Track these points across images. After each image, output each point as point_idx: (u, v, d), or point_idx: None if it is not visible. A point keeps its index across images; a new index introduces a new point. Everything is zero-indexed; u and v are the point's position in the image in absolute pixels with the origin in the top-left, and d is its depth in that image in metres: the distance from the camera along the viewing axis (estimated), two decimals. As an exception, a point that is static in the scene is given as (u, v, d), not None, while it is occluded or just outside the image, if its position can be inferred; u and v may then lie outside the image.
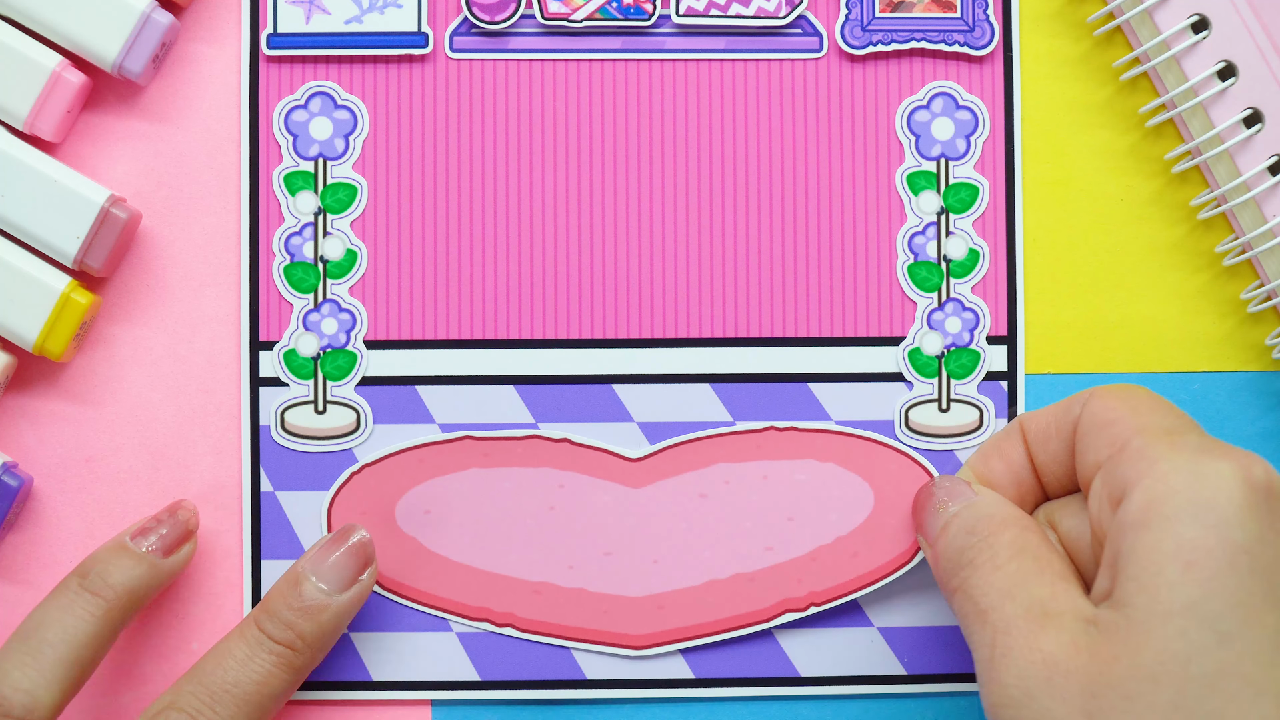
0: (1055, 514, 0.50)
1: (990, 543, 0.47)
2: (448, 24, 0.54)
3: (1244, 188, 0.53)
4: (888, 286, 0.54)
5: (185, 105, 0.54)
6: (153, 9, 0.52)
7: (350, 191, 0.54)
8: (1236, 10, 0.53)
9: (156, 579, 0.51)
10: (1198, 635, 0.42)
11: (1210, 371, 0.55)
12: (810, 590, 0.54)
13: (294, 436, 0.54)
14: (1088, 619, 0.44)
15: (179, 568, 0.52)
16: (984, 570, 0.47)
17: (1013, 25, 0.54)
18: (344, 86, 0.54)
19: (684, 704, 0.54)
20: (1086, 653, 0.43)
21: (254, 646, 0.50)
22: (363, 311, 0.54)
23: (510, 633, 0.53)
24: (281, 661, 0.50)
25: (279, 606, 0.51)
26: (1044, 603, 0.45)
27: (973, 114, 0.54)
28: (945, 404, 0.54)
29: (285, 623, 0.51)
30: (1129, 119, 0.54)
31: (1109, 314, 0.54)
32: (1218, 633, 0.42)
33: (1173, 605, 0.42)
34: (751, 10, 0.54)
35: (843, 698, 0.54)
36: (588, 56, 0.54)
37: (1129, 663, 0.43)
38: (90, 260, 0.52)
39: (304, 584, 0.51)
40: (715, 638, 0.54)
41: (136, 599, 0.51)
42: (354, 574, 0.52)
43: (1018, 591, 0.46)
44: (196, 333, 0.54)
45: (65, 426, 0.54)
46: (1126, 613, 0.43)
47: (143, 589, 0.51)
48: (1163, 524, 0.43)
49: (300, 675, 0.51)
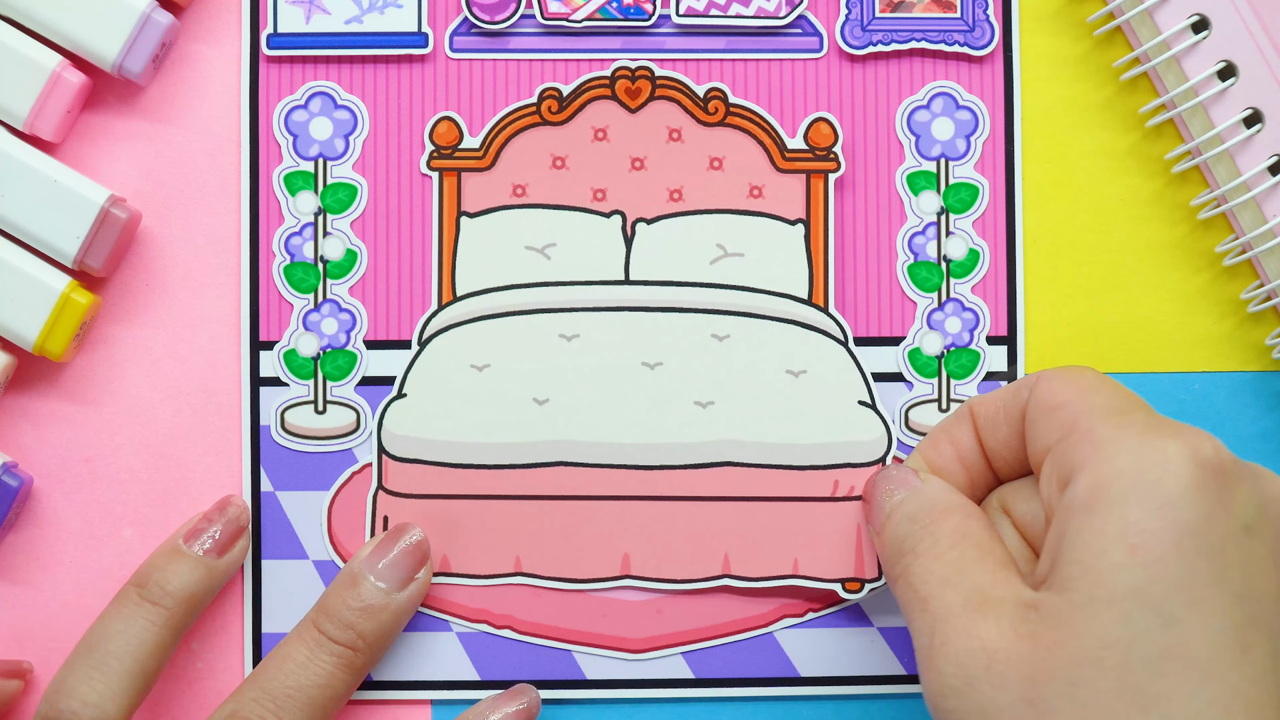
0: (1009, 499, 0.49)
1: (932, 530, 0.47)
2: (448, 24, 0.54)
3: (1244, 188, 0.53)
4: (888, 286, 0.54)
5: (185, 105, 0.54)
6: (153, 9, 0.52)
7: (350, 191, 0.54)
8: (1236, 10, 0.53)
9: (213, 581, 0.51)
10: (1141, 619, 0.41)
11: (1210, 371, 0.55)
12: (809, 598, 0.54)
13: (294, 436, 0.54)
14: (1028, 604, 0.43)
15: (234, 567, 0.52)
16: (925, 558, 0.46)
17: (1013, 25, 0.54)
18: (344, 86, 0.54)
19: (684, 704, 0.54)
20: (1028, 639, 0.43)
21: (314, 649, 0.50)
22: (363, 311, 0.54)
23: (509, 634, 0.53)
24: (343, 662, 0.50)
25: (338, 607, 0.51)
26: (984, 590, 0.44)
27: (973, 114, 0.54)
28: (945, 404, 0.54)
29: (346, 623, 0.51)
30: (1129, 119, 0.54)
31: (1109, 314, 0.54)
32: (1163, 615, 0.41)
33: (1116, 589, 0.42)
34: (751, 10, 0.54)
35: (843, 698, 0.54)
36: (588, 56, 0.54)
37: (1071, 648, 0.42)
38: (90, 260, 0.52)
39: (363, 583, 0.51)
40: (714, 642, 0.54)
41: (196, 603, 0.51)
42: (411, 572, 0.52)
43: (958, 579, 0.45)
44: (196, 333, 0.54)
45: (65, 426, 0.54)
46: (1069, 597, 0.42)
47: (201, 593, 0.51)
48: (1108, 507, 0.43)
49: (360, 675, 0.51)
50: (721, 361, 0.53)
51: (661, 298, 0.53)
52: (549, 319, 0.53)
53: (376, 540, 0.52)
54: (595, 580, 0.53)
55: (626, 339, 0.53)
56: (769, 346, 0.53)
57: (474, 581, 0.53)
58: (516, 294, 0.53)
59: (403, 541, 0.52)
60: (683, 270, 0.54)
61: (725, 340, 0.53)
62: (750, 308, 0.53)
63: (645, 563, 0.53)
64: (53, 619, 0.53)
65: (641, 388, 0.53)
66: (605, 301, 0.53)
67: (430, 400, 0.53)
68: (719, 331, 0.53)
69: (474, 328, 0.53)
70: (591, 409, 0.53)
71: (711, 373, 0.53)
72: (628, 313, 0.53)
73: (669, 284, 0.53)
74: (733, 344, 0.53)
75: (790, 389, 0.53)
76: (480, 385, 0.53)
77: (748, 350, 0.53)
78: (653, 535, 0.53)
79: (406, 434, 0.53)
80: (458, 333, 0.53)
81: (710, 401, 0.53)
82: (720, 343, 0.53)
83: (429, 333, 0.53)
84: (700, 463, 0.53)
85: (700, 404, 0.53)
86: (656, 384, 0.53)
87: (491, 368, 0.53)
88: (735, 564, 0.53)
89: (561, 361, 0.53)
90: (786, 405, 0.53)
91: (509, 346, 0.53)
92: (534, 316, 0.53)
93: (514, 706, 0.52)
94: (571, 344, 0.53)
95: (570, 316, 0.53)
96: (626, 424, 0.53)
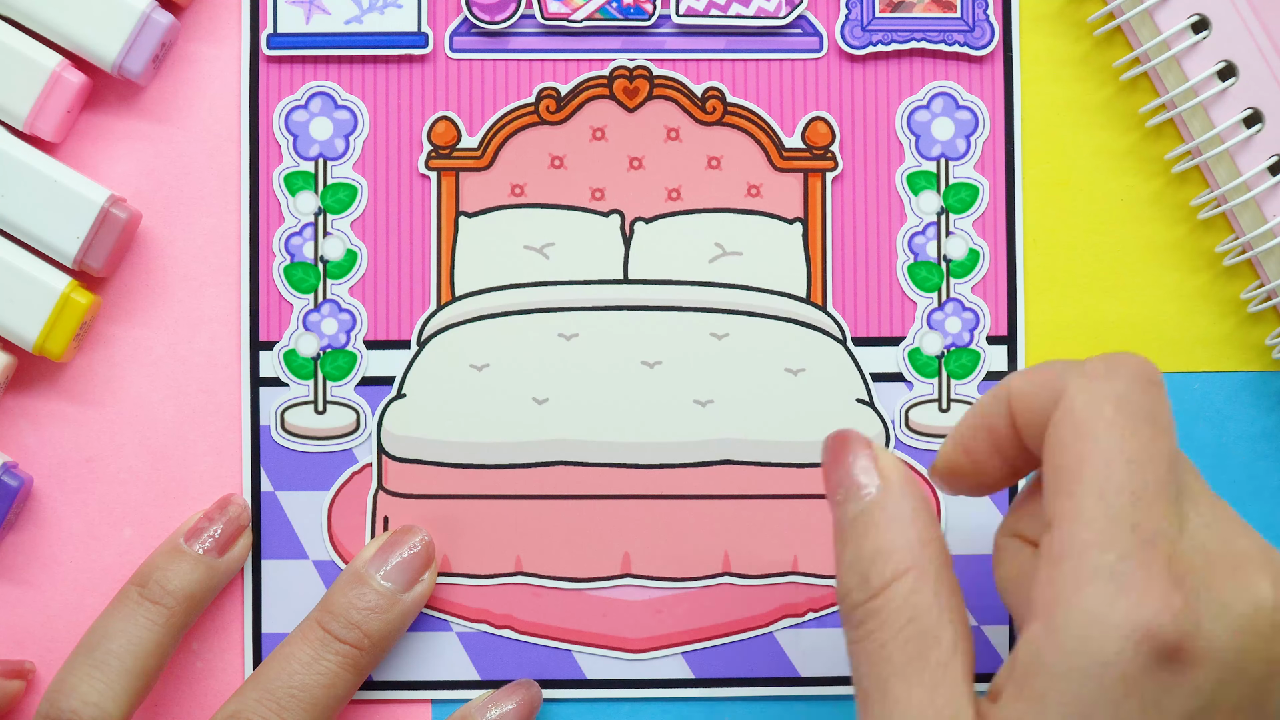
0: (1021, 525, 0.45)
1: (878, 610, 0.42)
2: (448, 24, 0.54)
3: (1244, 188, 0.53)
4: (888, 286, 0.54)
5: (185, 105, 0.54)
6: (153, 9, 0.52)
7: (350, 191, 0.54)
8: (1236, 10, 0.53)
9: (214, 580, 0.51)
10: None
11: (1210, 371, 0.54)
12: (809, 597, 0.54)
13: (294, 436, 0.54)
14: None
15: (236, 566, 0.52)
16: (868, 646, 0.42)
17: (1013, 25, 0.54)
18: (344, 86, 0.54)
19: (684, 704, 0.54)
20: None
21: (319, 648, 0.50)
22: (363, 311, 0.54)
23: (509, 634, 0.53)
24: (348, 662, 0.50)
25: (344, 607, 0.51)
26: (921, 710, 0.41)
27: (973, 114, 0.54)
28: (945, 404, 0.54)
29: (351, 622, 0.50)
30: (1129, 119, 0.54)
31: (1109, 314, 0.54)
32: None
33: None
34: (751, 10, 0.54)
35: (843, 698, 0.54)
36: (588, 56, 0.54)
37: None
38: (90, 260, 0.52)
39: (370, 582, 0.51)
40: (714, 642, 0.54)
41: (196, 602, 0.51)
42: (417, 573, 0.52)
43: (898, 688, 0.41)
44: (196, 333, 0.54)
45: (65, 426, 0.54)
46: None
47: (201, 592, 0.51)
48: (1048, 679, 0.40)
49: (363, 675, 0.51)
50: (720, 360, 0.53)
51: (660, 297, 0.53)
52: (548, 318, 0.53)
53: (381, 540, 0.52)
54: (596, 579, 0.53)
55: (625, 338, 0.53)
56: (768, 345, 0.53)
57: (474, 581, 0.53)
58: (515, 294, 0.53)
59: (410, 542, 0.52)
60: (681, 269, 0.54)
61: (724, 339, 0.53)
62: (749, 306, 0.53)
63: (646, 561, 0.53)
64: (53, 619, 0.53)
65: (641, 387, 0.53)
66: (604, 301, 0.53)
67: (430, 400, 0.53)
68: (718, 330, 0.53)
69: (473, 327, 0.53)
70: (591, 408, 0.53)
71: (710, 371, 0.53)
72: (627, 312, 0.53)
73: (668, 283, 0.53)
74: (731, 342, 0.53)
75: (789, 387, 0.53)
76: (480, 385, 0.53)
77: (747, 349, 0.53)
78: (653, 534, 0.53)
79: (406, 434, 0.53)
80: (457, 332, 0.53)
81: (709, 400, 0.53)
82: (719, 341, 0.53)
83: (428, 333, 0.53)
84: (699, 461, 0.53)
85: (699, 402, 0.53)
86: (656, 383, 0.53)
87: (491, 367, 0.53)
88: (735, 561, 0.53)
89: (561, 361, 0.53)
90: (785, 403, 0.53)
91: (508, 346, 0.53)
92: (533, 316, 0.53)
93: (511, 703, 0.52)
94: (571, 343, 0.53)
95: (569, 316, 0.53)
96: (626, 423, 0.53)
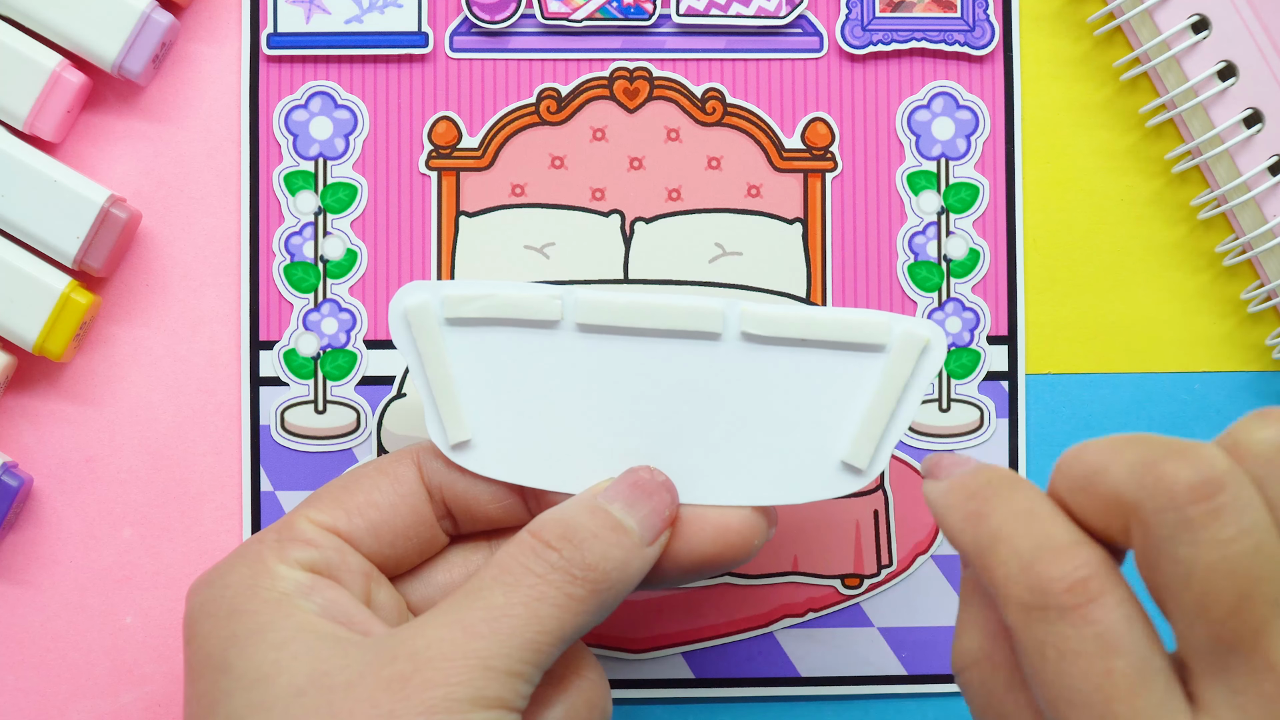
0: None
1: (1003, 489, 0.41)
2: (448, 24, 0.54)
3: (1244, 188, 0.53)
4: (888, 286, 0.54)
5: (185, 105, 0.54)
6: (153, 9, 0.52)
7: (350, 191, 0.54)
8: (1236, 10, 0.53)
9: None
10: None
11: (1210, 371, 0.54)
12: (809, 597, 0.54)
13: (294, 436, 0.54)
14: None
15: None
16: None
17: (1013, 25, 0.54)
18: (344, 86, 0.54)
19: (684, 704, 0.54)
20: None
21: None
22: (363, 311, 0.54)
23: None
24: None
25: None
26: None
27: (973, 114, 0.54)
28: (945, 404, 0.54)
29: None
30: (1129, 119, 0.54)
31: (1109, 314, 0.54)
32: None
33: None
34: (751, 10, 0.54)
35: (843, 698, 0.54)
36: (588, 56, 0.54)
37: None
38: (90, 260, 0.52)
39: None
40: (714, 642, 0.54)
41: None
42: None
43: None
44: (196, 333, 0.54)
45: (65, 426, 0.54)
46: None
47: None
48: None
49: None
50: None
51: (660, 297, 0.53)
52: None
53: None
54: (595, 580, 0.53)
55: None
56: None
57: (474, 581, 0.53)
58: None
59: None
60: (681, 269, 0.54)
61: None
62: None
63: (645, 562, 0.53)
64: (53, 619, 0.53)
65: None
66: None
67: (430, 400, 0.53)
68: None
69: (473, 327, 0.53)
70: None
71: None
72: None
73: (668, 283, 0.53)
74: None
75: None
76: None
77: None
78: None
79: (406, 434, 0.53)
80: None
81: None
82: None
83: (428, 332, 0.53)
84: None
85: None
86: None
87: (491, 367, 0.53)
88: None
89: None
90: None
91: None
92: (533, 316, 0.53)
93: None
94: None
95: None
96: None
